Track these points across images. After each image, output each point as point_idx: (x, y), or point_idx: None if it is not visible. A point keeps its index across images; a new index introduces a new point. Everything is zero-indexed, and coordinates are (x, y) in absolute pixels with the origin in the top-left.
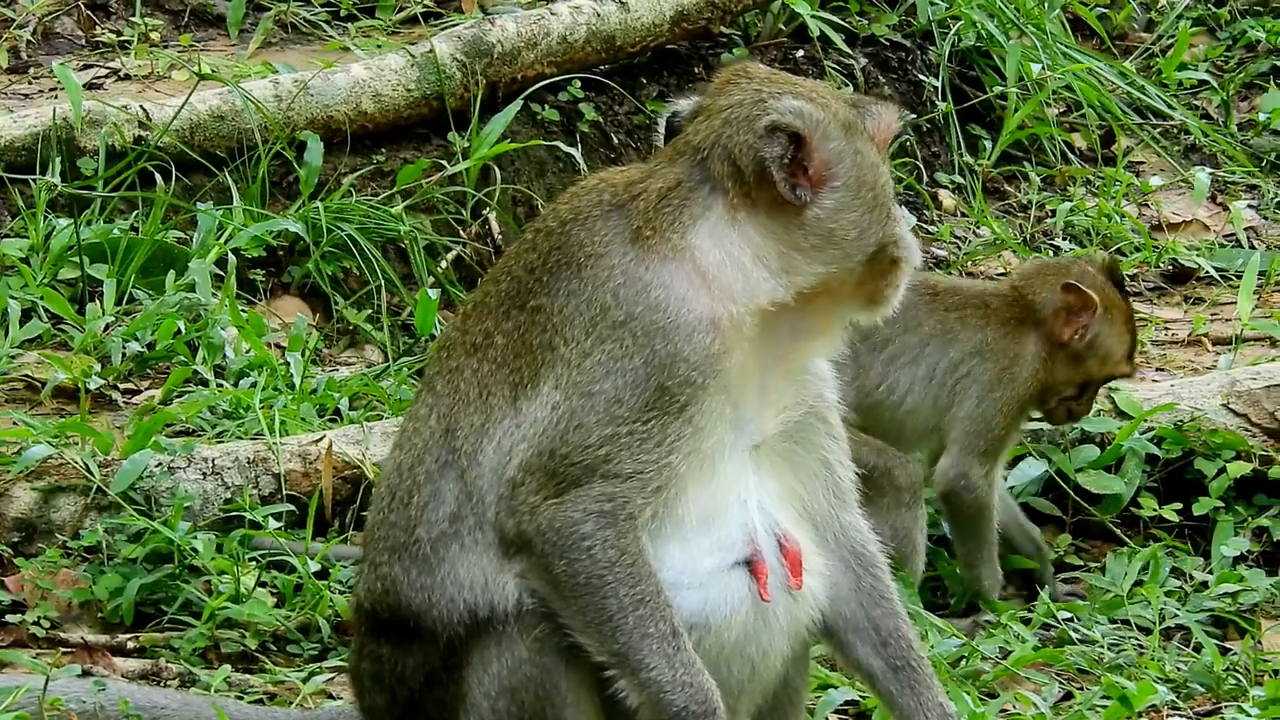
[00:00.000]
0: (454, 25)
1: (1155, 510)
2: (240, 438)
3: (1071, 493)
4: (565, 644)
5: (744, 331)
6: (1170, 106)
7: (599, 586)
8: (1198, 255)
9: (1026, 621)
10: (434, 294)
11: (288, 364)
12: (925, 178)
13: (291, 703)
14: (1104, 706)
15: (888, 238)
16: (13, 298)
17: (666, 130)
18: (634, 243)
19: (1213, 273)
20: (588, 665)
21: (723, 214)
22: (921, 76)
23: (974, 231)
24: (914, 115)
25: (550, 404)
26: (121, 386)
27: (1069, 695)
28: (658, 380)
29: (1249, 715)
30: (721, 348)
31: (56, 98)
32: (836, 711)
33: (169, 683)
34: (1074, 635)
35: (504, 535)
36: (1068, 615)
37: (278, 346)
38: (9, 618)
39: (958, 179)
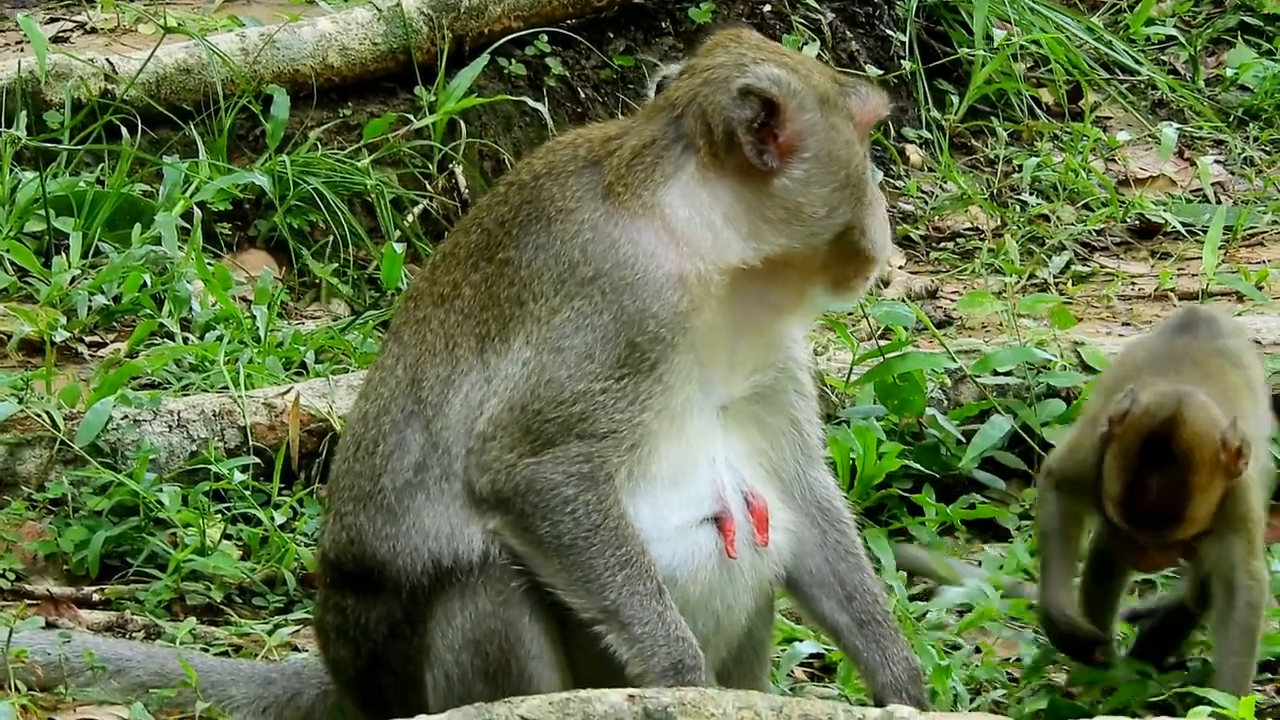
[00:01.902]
0: None
1: None
2: (206, 390)
3: (1037, 447)
4: (529, 597)
5: (712, 290)
6: (1137, 62)
7: (584, 548)
8: (1164, 210)
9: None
10: (400, 248)
11: (253, 317)
12: (892, 133)
13: (257, 655)
14: (1071, 663)
15: (856, 221)
16: None
17: (657, 93)
18: (605, 199)
19: (1179, 228)
20: (552, 618)
21: (694, 173)
22: (889, 32)
23: (941, 186)
24: (881, 71)
25: (521, 360)
26: (87, 339)
27: (1039, 647)
28: (627, 336)
29: (1208, 663)
30: (690, 305)
31: (22, 51)
32: (801, 665)
33: (134, 635)
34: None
35: (476, 491)
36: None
37: (243, 300)
38: None
39: (925, 134)
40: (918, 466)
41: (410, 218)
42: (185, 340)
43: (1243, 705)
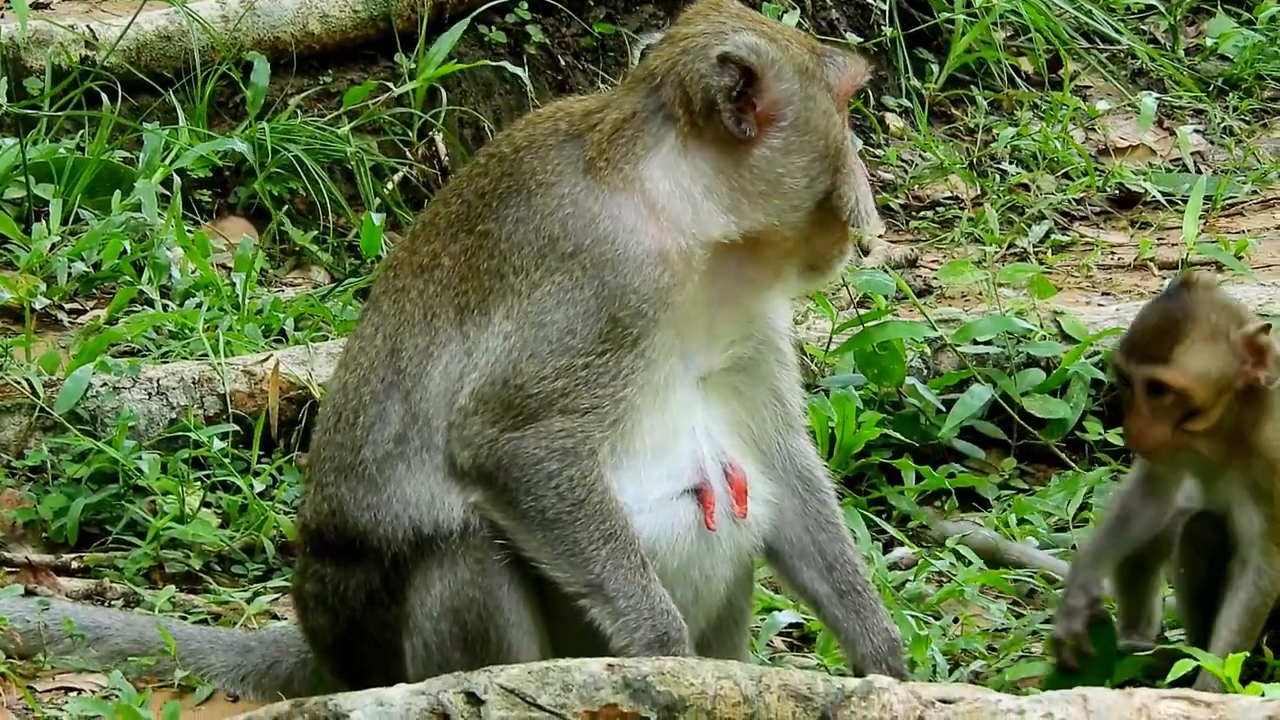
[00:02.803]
0: None
1: (1100, 434)
2: (185, 358)
3: (1016, 417)
4: (508, 565)
5: (693, 264)
6: (1117, 31)
7: (568, 523)
8: (1144, 180)
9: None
10: (379, 217)
11: (233, 284)
12: (872, 102)
13: (235, 623)
14: (1048, 629)
15: (836, 191)
16: None
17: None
18: (585, 173)
19: (1159, 197)
20: (531, 587)
21: (674, 144)
22: (869, 0)
23: (920, 155)
24: (860, 39)
25: (503, 334)
26: (67, 306)
27: (1016, 617)
28: (609, 311)
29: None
30: (671, 280)
31: (3, 17)
32: (780, 634)
33: (113, 603)
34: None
35: (458, 465)
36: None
37: (223, 267)
38: None
39: (905, 103)
40: (897, 436)
41: (390, 185)
42: (165, 307)
43: (1229, 663)
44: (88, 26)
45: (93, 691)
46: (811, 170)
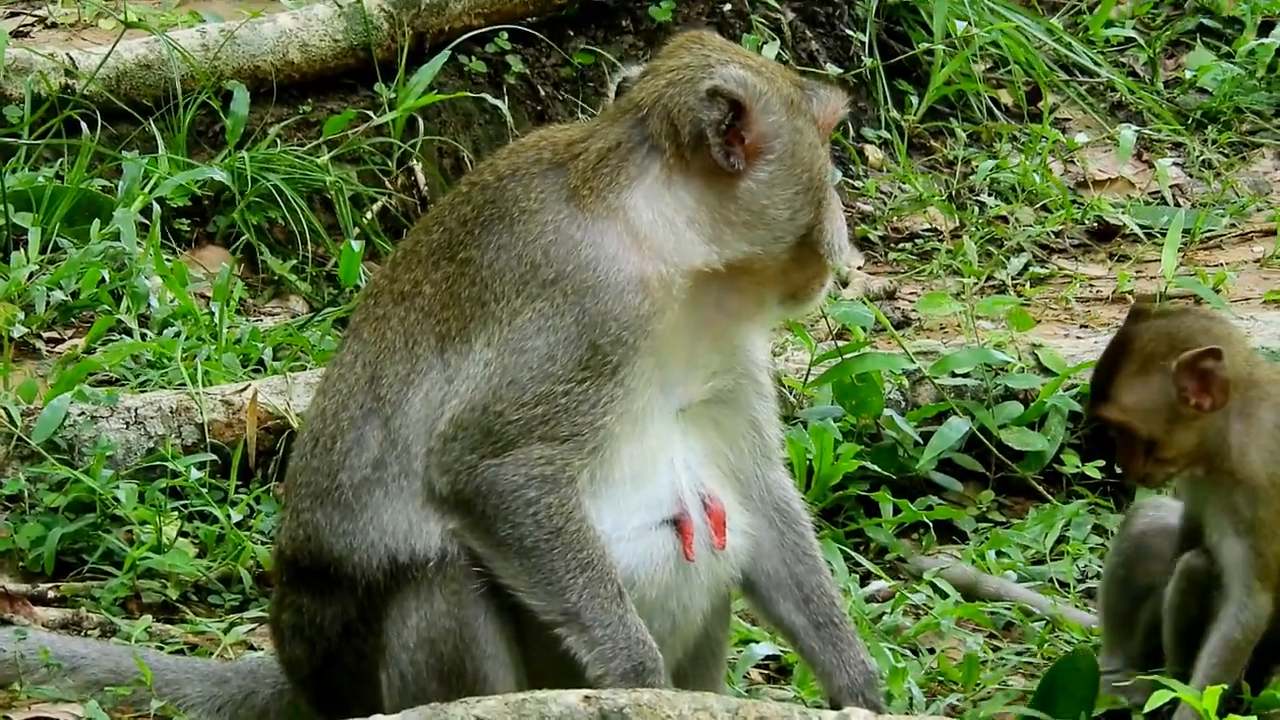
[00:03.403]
0: None
1: (1078, 467)
2: (164, 387)
3: (994, 449)
4: (486, 596)
5: (674, 293)
6: (1096, 63)
7: (546, 551)
8: (1123, 212)
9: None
10: (358, 246)
11: (211, 314)
12: (852, 133)
13: (212, 653)
14: (1026, 663)
15: (817, 224)
16: None
17: (617, 95)
18: (569, 201)
19: (1137, 230)
20: (507, 617)
21: (659, 175)
22: (849, 31)
23: (899, 187)
24: (840, 70)
25: (483, 360)
26: (45, 335)
27: (993, 650)
28: (589, 338)
29: (1163, 671)
30: (652, 308)
31: None
32: (757, 666)
33: (89, 632)
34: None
35: (436, 492)
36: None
37: (202, 296)
38: None
39: (884, 134)
40: (875, 468)
41: (369, 215)
42: (143, 336)
43: (1207, 695)
44: (68, 55)
45: None
46: (795, 203)
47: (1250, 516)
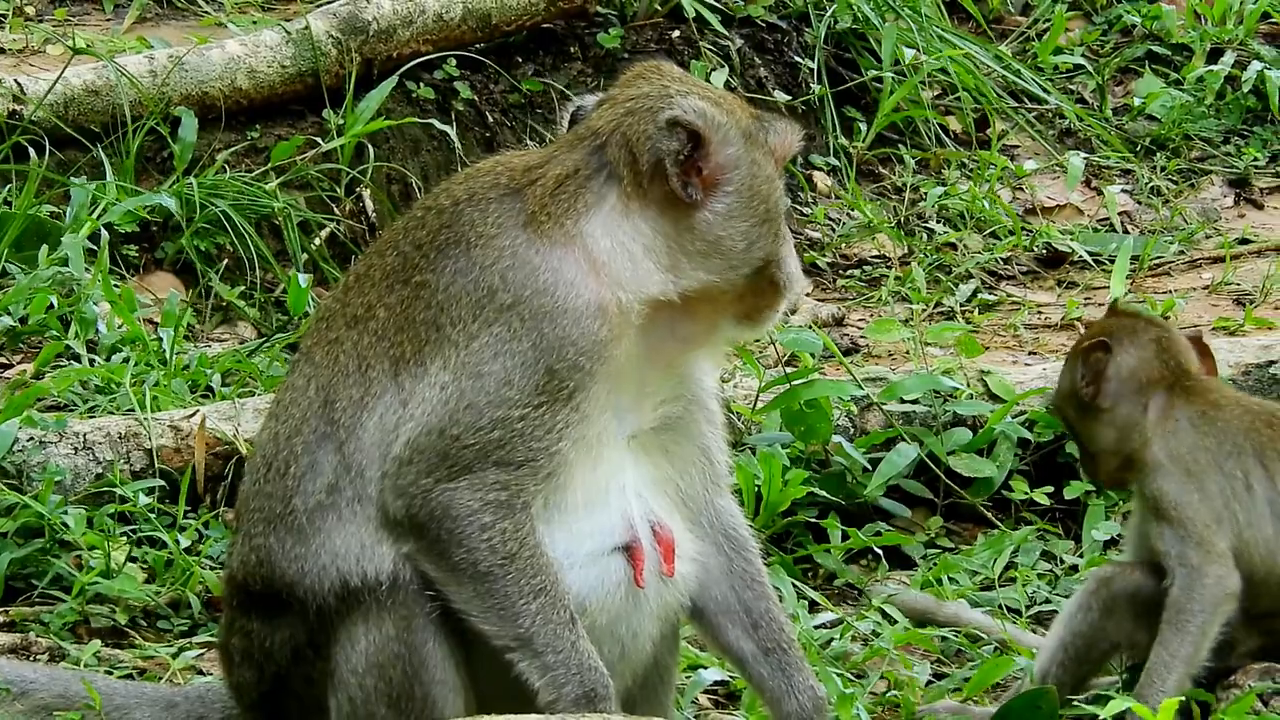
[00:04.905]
0: (330, 2)
1: (1026, 493)
2: (112, 413)
3: (943, 475)
4: (435, 620)
5: (631, 320)
6: (1045, 90)
7: (499, 576)
8: (1071, 239)
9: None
10: (305, 279)
11: (160, 339)
12: (800, 160)
13: (161, 678)
14: (970, 686)
15: (773, 256)
16: None
17: (571, 124)
18: (526, 227)
19: (1086, 257)
20: (457, 642)
21: (616, 203)
22: (797, 58)
23: (848, 214)
24: (789, 97)
25: (439, 384)
26: None
27: (939, 676)
28: (546, 363)
29: (1113, 695)
30: (609, 334)
31: None
32: (705, 691)
33: (38, 657)
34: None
35: (390, 515)
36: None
37: (150, 322)
38: None
39: (832, 161)
40: (823, 494)
41: (317, 241)
42: (92, 362)
43: (1163, 709)
44: (15, 80)
45: None
46: (751, 235)
47: (1155, 493)
